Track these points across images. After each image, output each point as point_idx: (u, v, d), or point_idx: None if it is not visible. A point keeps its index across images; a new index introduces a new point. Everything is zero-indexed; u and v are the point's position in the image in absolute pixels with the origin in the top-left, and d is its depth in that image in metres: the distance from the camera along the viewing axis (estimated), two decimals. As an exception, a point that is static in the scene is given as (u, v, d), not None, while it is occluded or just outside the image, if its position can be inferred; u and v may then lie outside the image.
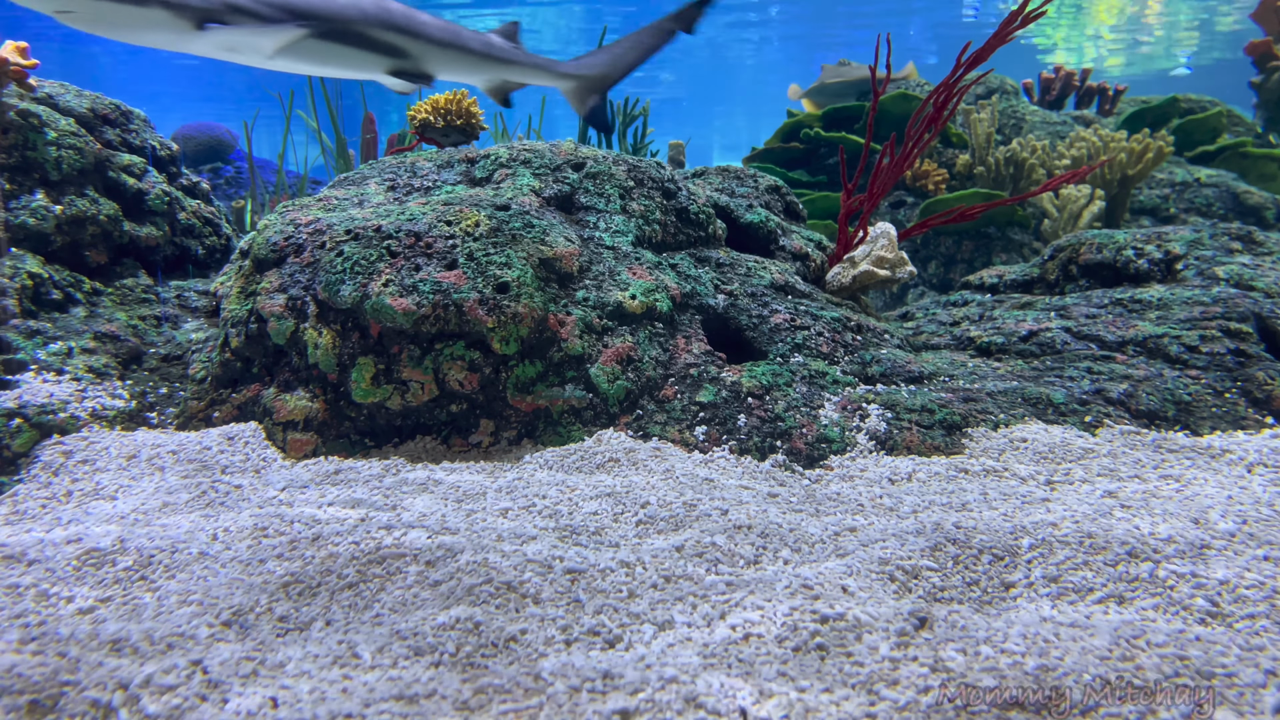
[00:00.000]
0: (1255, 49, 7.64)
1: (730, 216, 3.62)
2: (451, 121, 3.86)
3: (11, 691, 1.20)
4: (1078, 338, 3.08)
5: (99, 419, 2.73)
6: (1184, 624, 1.40)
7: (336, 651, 1.35)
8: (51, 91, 3.60)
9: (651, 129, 6.79)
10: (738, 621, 1.41)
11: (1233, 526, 1.75)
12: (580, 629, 1.42)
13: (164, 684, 1.23)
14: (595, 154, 3.37)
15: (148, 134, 3.89)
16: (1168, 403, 2.63)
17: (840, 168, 3.77)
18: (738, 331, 2.96)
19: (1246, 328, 2.91)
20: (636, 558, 1.70)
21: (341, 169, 6.75)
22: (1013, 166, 5.98)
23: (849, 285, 3.54)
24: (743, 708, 1.13)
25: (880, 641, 1.32)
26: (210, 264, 3.91)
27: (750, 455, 2.47)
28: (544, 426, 2.58)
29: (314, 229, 2.83)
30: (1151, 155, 5.43)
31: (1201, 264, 3.39)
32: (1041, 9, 3.33)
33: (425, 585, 1.58)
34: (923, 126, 3.55)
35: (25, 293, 3.05)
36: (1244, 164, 6.69)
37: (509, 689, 1.19)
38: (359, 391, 2.54)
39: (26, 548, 1.86)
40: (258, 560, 1.72)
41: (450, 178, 3.32)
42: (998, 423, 2.55)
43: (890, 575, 1.61)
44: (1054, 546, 1.67)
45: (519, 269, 2.64)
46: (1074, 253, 3.68)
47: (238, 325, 2.78)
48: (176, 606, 1.54)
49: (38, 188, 3.28)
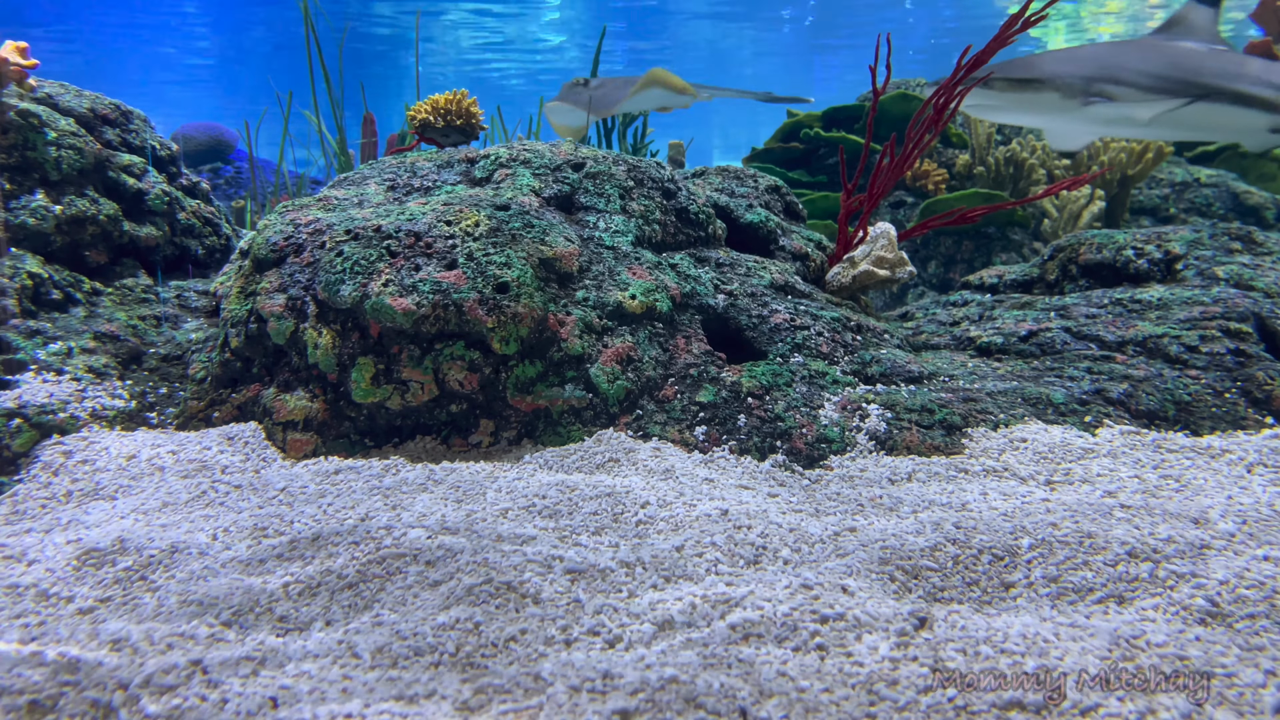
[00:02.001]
0: (1255, 49, 7.63)
1: (730, 216, 3.62)
2: (451, 122, 3.86)
3: (11, 691, 1.20)
4: (1077, 338, 3.08)
5: (99, 419, 2.73)
6: (1184, 624, 1.40)
7: (336, 651, 1.35)
8: (51, 91, 3.60)
9: (651, 129, 6.79)
10: (737, 621, 1.40)
11: (1233, 526, 1.75)
12: (580, 629, 1.42)
13: (164, 684, 1.23)
14: (595, 154, 3.37)
15: (147, 134, 3.89)
16: (1168, 403, 2.63)
17: (840, 168, 3.77)
18: (738, 331, 2.96)
19: (1246, 328, 2.91)
20: (636, 558, 1.70)
21: (344, 167, 6.75)
22: (1012, 166, 5.98)
23: (849, 285, 3.54)
24: (743, 708, 1.13)
25: (880, 641, 1.32)
26: (210, 264, 3.91)
27: (750, 455, 2.47)
28: (544, 426, 2.58)
29: (314, 229, 2.83)
30: (1151, 155, 5.43)
31: (1201, 264, 3.39)
32: (1042, 13, 3.33)
33: (425, 585, 1.58)
34: (923, 128, 3.55)
35: (25, 293, 3.05)
36: (1244, 164, 6.69)
37: (509, 689, 1.19)
38: (359, 391, 2.54)
39: (26, 548, 1.86)
40: (258, 560, 1.72)
41: (450, 178, 3.32)
42: (998, 423, 2.55)
43: (890, 575, 1.61)
44: (1054, 546, 1.67)
45: (519, 269, 2.64)
46: (1074, 253, 3.68)
47: (237, 325, 2.78)
48: (176, 606, 1.54)
49: (38, 188, 3.28)
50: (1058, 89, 3.71)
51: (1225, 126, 4.39)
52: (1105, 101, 3.77)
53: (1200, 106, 4.04)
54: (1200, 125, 4.32)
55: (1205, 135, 4.72)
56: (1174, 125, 4.19)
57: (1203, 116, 4.14)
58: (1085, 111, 3.83)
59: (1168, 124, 4.13)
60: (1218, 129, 4.53)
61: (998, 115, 3.90)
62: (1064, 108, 3.79)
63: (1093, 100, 3.75)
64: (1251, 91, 4.15)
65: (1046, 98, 3.71)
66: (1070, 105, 3.77)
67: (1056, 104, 3.76)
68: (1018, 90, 3.70)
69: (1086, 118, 3.92)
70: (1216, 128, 4.47)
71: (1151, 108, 3.88)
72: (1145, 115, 3.92)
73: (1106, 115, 3.89)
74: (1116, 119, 3.97)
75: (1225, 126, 4.39)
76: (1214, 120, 4.25)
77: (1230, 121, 4.28)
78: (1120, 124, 4.07)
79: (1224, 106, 4.14)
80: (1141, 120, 3.97)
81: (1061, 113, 3.85)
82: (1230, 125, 4.34)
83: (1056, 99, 3.73)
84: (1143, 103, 3.85)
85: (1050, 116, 3.92)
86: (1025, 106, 3.79)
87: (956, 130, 6.61)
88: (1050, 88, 3.71)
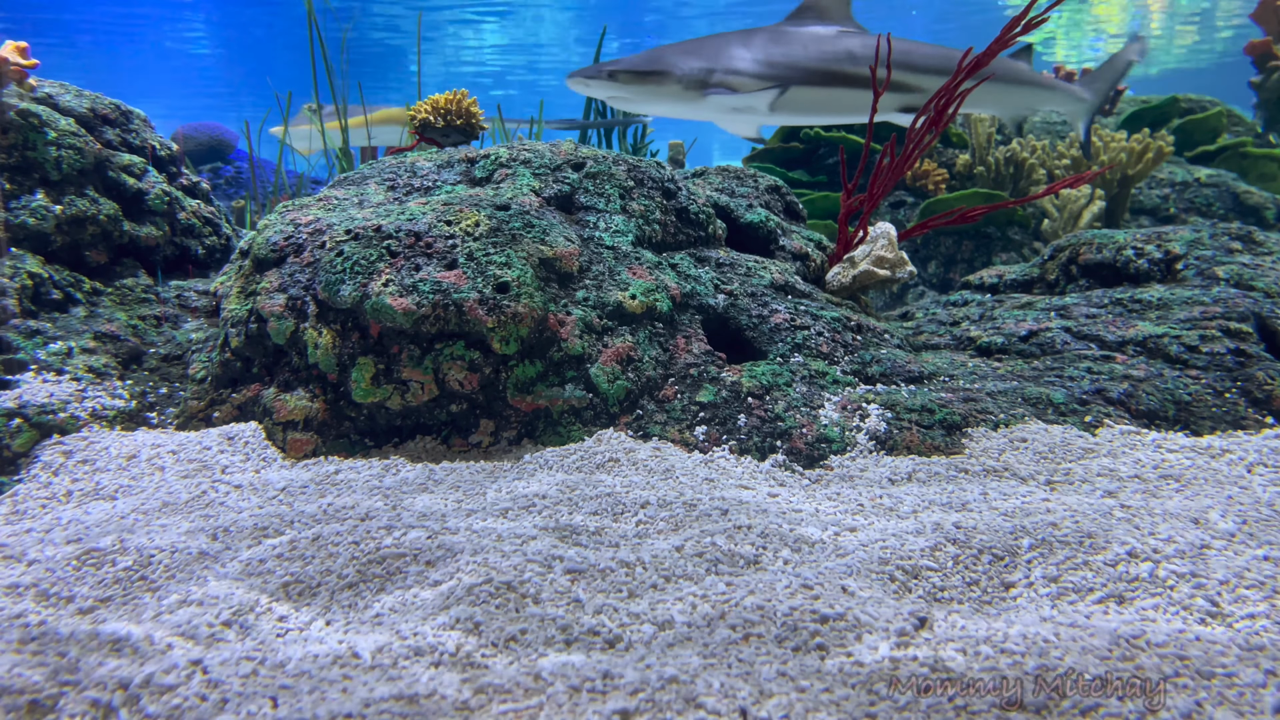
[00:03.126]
0: (1255, 49, 7.64)
1: (730, 216, 3.62)
2: (451, 121, 3.85)
3: (11, 691, 1.20)
4: (1078, 338, 3.08)
5: (99, 419, 2.73)
6: (1184, 624, 1.40)
7: (336, 651, 1.35)
8: (51, 91, 3.60)
9: (652, 129, 6.79)
10: (738, 621, 1.40)
11: (1233, 526, 1.75)
12: (580, 629, 1.42)
13: (164, 684, 1.23)
14: (595, 154, 3.37)
15: (148, 134, 3.89)
16: (1168, 403, 2.63)
17: (840, 168, 3.77)
18: (738, 331, 2.96)
19: (1246, 328, 2.91)
20: (636, 558, 1.70)
21: (345, 167, 6.74)
22: (1013, 166, 5.98)
23: (849, 285, 3.54)
24: (743, 708, 1.13)
25: (880, 641, 1.32)
26: (210, 264, 3.91)
27: (750, 455, 2.47)
28: (544, 426, 2.58)
29: (314, 229, 2.83)
30: (1151, 155, 5.43)
31: (1201, 264, 3.39)
32: (1044, 16, 3.34)
33: (425, 585, 1.58)
34: (923, 130, 3.55)
35: (25, 293, 3.05)
36: (1244, 164, 6.69)
37: (509, 689, 1.19)
38: (359, 391, 2.54)
39: (26, 548, 1.86)
40: (257, 560, 1.72)
41: (450, 178, 3.32)
42: (998, 423, 2.55)
43: (890, 575, 1.61)
44: (1054, 546, 1.67)
45: (519, 269, 2.64)
46: (1074, 253, 3.68)
47: (238, 325, 2.78)
48: (176, 606, 1.54)
49: (38, 188, 3.28)
50: (679, 80, 3.67)
51: (847, 107, 4.30)
52: (725, 92, 3.72)
53: (818, 91, 3.99)
54: (823, 107, 4.25)
55: (833, 117, 4.61)
56: (796, 110, 4.11)
57: (824, 100, 4.08)
58: (708, 102, 3.78)
59: (789, 109, 4.07)
60: (839, 110, 4.39)
61: (630, 105, 3.83)
62: (686, 99, 3.76)
63: (713, 91, 3.71)
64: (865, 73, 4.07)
65: (669, 89, 3.68)
66: (692, 96, 3.74)
67: (679, 95, 3.72)
68: (640, 82, 3.66)
69: (711, 107, 3.87)
70: (838, 109, 4.34)
71: (764, 97, 3.82)
72: (763, 104, 3.86)
73: (730, 104, 3.84)
74: (741, 107, 3.91)
75: (847, 107, 4.30)
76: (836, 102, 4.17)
77: (852, 102, 4.22)
78: (745, 112, 4.01)
79: (840, 90, 4.07)
80: (762, 109, 3.92)
81: (685, 103, 3.80)
82: (852, 105, 4.26)
83: (678, 90, 3.70)
84: (757, 92, 3.79)
85: (675, 106, 3.85)
86: (650, 97, 3.74)
87: (957, 130, 6.61)
88: (671, 80, 3.67)
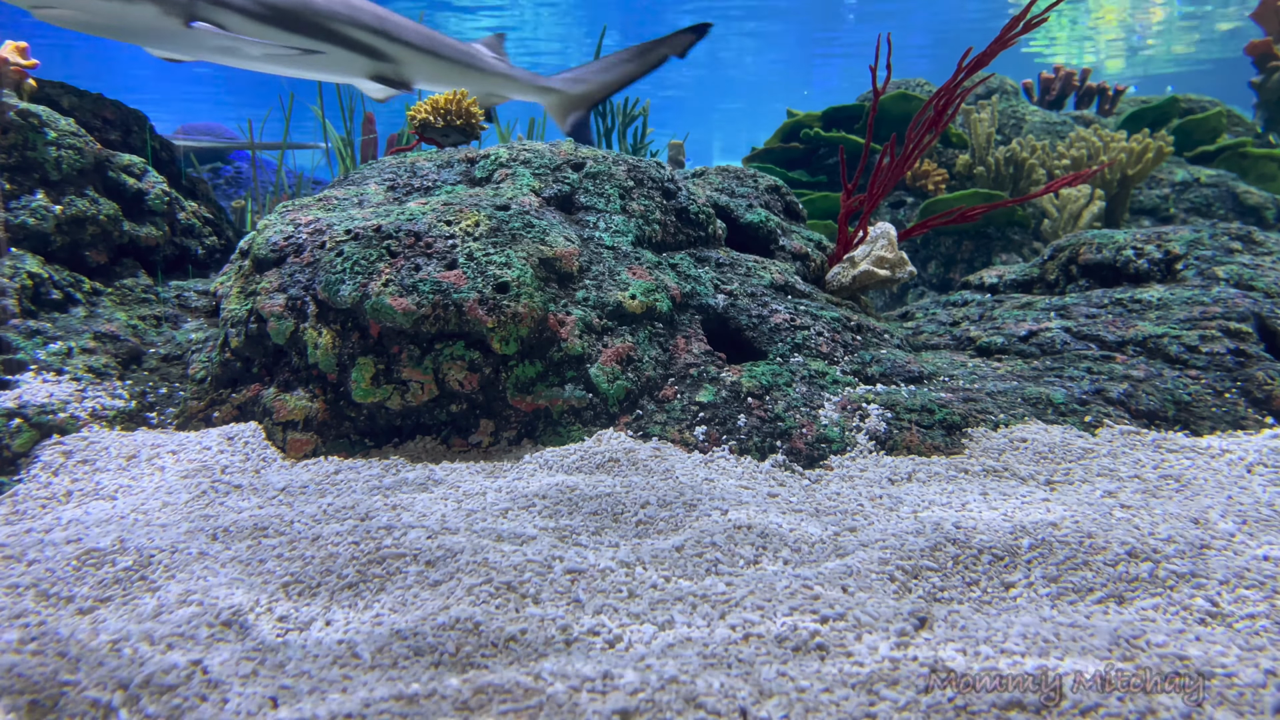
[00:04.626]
0: (1255, 49, 7.64)
1: (730, 216, 3.62)
2: (451, 121, 3.86)
3: (11, 691, 1.20)
4: (1077, 338, 3.08)
5: (99, 419, 2.73)
6: (1184, 624, 1.40)
7: (336, 651, 1.35)
8: (51, 92, 3.60)
9: (651, 128, 6.80)
10: (738, 621, 1.41)
11: (1233, 526, 1.75)
12: (580, 629, 1.42)
13: (164, 684, 1.23)
14: (595, 154, 3.37)
15: (147, 134, 3.89)
16: (1167, 403, 2.63)
17: (840, 168, 3.77)
18: (737, 331, 2.96)
19: (1246, 328, 2.91)
20: (636, 558, 1.70)
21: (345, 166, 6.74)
22: (1013, 166, 5.98)
23: (849, 285, 3.54)
24: (743, 708, 1.13)
25: (880, 641, 1.32)
26: (210, 264, 3.91)
27: (750, 455, 2.47)
28: (544, 426, 2.58)
29: (314, 229, 2.83)
30: (1151, 155, 5.43)
31: (1201, 264, 3.39)
32: (1043, 16, 3.33)
33: (425, 585, 1.58)
34: (923, 130, 3.55)
35: (25, 293, 3.05)
36: (1244, 164, 6.69)
37: (509, 689, 1.19)
38: (359, 391, 2.54)
39: (26, 548, 1.86)
40: (258, 560, 1.72)
41: (450, 178, 3.32)
42: (997, 423, 2.54)
43: (890, 575, 1.61)
44: (1054, 546, 1.67)
45: (519, 269, 2.64)
46: (1074, 253, 3.68)
47: (237, 325, 2.78)
48: (176, 606, 1.54)
49: (38, 188, 3.28)
50: (158, 3, 3.28)
51: (332, 67, 4.11)
52: (215, 29, 3.40)
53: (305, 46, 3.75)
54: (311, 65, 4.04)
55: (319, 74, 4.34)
56: (290, 63, 3.89)
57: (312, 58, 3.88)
58: (190, 34, 3.42)
59: (283, 61, 3.84)
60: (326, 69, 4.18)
61: (85, 27, 3.34)
62: (162, 26, 3.36)
63: (200, 25, 3.36)
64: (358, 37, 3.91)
65: (142, 10, 3.25)
66: (171, 24, 3.36)
67: (154, 19, 3.32)
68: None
69: (193, 42, 3.51)
70: (326, 68, 4.14)
71: (261, 46, 3.57)
72: (256, 51, 3.62)
73: (217, 44, 3.54)
74: (229, 48, 3.63)
75: (332, 67, 4.11)
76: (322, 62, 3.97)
77: (339, 64, 4.03)
78: (231, 55, 3.73)
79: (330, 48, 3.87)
80: (254, 55, 3.67)
81: (159, 31, 3.40)
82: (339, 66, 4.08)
83: (155, 14, 3.29)
84: (252, 37, 3.53)
85: (147, 34, 3.44)
86: (115, 18, 3.26)
87: (957, 130, 6.61)
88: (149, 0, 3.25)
